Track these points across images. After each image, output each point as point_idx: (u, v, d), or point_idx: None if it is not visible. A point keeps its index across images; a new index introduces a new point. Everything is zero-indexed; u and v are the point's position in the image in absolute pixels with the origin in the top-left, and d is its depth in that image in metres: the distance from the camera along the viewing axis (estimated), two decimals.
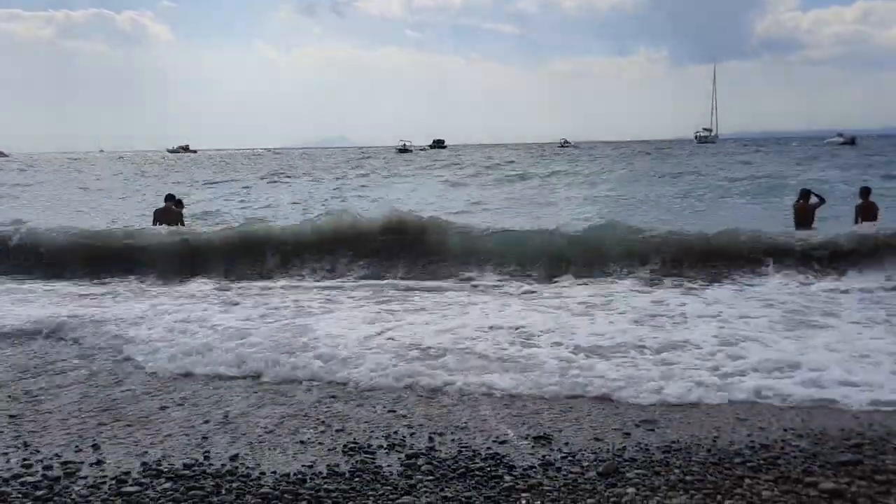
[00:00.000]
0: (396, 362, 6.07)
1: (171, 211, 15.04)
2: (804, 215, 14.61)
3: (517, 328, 7.20)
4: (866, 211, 14.77)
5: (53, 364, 6.47)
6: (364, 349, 6.49)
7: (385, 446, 4.44)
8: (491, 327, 7.25)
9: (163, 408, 5.24)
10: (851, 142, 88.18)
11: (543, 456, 4.23)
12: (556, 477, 3.93)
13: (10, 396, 5.52)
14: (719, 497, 3.61)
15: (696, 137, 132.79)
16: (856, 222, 14.78)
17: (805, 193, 15.09)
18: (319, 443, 4.52)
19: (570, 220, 15.04)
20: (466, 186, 34.65)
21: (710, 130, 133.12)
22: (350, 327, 7.39)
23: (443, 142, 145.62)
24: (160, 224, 15.00)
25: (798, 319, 7.40)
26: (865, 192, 15.24)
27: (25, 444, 4.53)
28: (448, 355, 6.25)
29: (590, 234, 11.54)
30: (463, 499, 3.69)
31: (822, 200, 14.83)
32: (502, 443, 4.46)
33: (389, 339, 6.91)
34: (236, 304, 8.91)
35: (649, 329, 7.09)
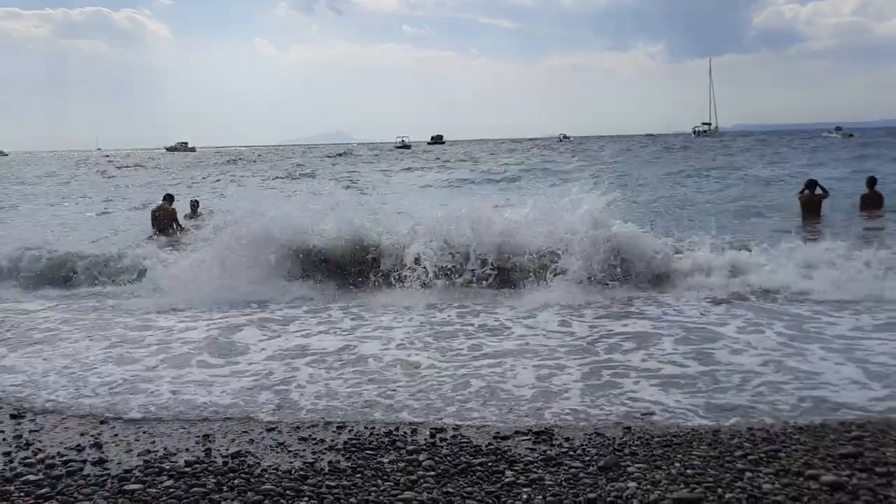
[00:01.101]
0: None
1: (165, 210, 15.27)
2: (811, 206, 14.57)
3: None
4: (872, 200, 14.79)
5: None
6: None
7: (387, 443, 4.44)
8: None
9: None
10: (850, 135, 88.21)
11: (544, 451, 4.24)
12: (556, 471, 3.94)
13: None
14: (720, 490, 3.62)
15: (693, 131, 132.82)
16: (861, 210, 14.79)
17: (811, 184, 15.04)
18: None
19: None
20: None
21: (710, 124, 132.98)
22: None
23: (441, 137, 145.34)
24: (157, 222, 15.23)
25: None
26: (871, 181, 15.25)
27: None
28: None
29: None
30: (464, 494, 3.70)
31: (825, 193, 14.79)
32: (504, 438, 4.47)
33: None
34: None
35: None
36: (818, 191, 14.84)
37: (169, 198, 15.74)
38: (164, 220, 15.03)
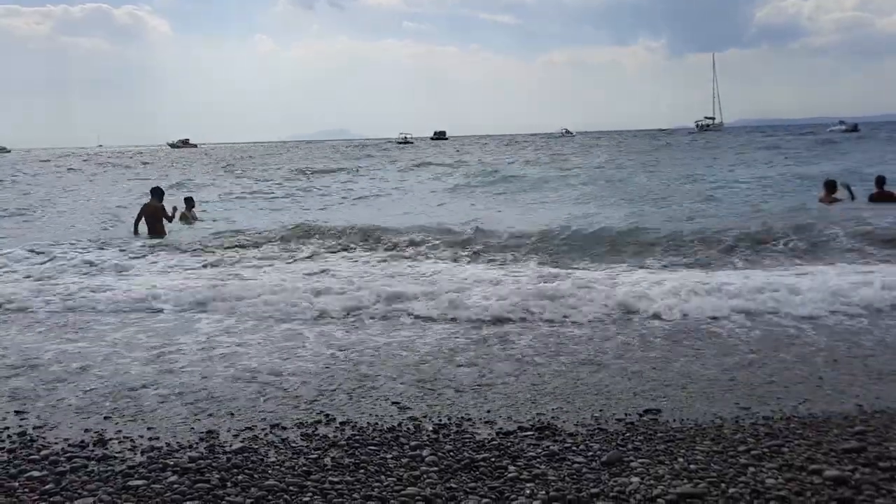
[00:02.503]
0: None
1: (152, 207, 14.50)
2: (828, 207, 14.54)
3: None
4: (881, 200, 14.73)
5: None
6: None
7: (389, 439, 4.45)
8: None
9: None
10: (854, 129, 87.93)
11: (547, 446, 4.24)
12: (560, 467, 3.94)
13: None
14: (723, 485, 3.62)
15: (696, 126, 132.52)
16: None
17: (830, 185, 14.99)
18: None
19: None
20: None
21: (713, 118, 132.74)
22: None
23: (444, 133, 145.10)
24: (143, 218, 14.38)
25: None
26: (880, 181, 15.18)
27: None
28: None
29: None
30: (468, 489, 3.70)
31: (852, 196, 14.71)
32: (507, 434, 4.47)
33: None
34: None
35: None
36: (845, 193, 14.74)
37: (158, 194, 14.70)
38: (151, 219, 14.26)
